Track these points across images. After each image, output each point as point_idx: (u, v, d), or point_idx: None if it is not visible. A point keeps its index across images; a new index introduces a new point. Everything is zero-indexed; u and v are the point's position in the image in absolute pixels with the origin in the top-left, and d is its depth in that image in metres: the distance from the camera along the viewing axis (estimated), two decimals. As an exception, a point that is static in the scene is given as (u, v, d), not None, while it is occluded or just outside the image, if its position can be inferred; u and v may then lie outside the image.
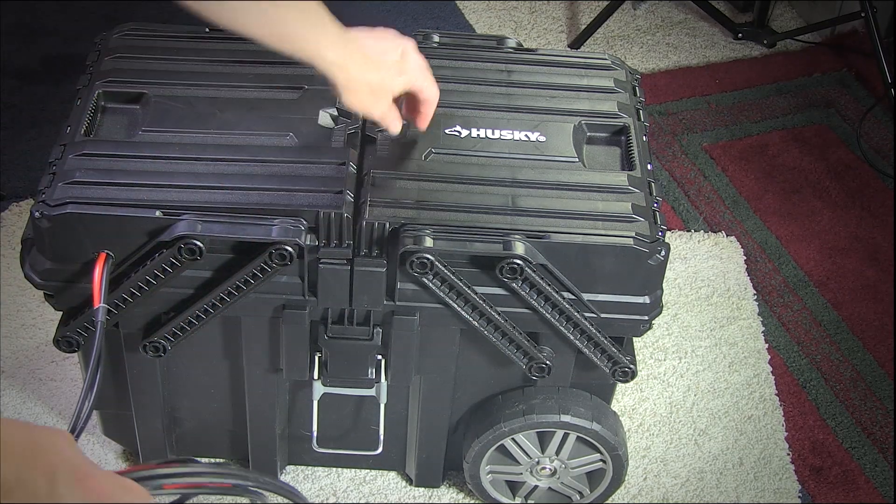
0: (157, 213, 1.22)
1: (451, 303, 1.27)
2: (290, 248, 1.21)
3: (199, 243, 1.21)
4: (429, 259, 1.23)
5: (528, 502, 1.54)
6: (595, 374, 1.39)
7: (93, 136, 1.32)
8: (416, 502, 1.58)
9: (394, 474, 1.61)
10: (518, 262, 1.23)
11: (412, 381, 1.41)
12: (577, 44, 2.39)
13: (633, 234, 1.26)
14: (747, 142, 2.23)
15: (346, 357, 1.35)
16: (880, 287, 1.95)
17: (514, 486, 1.54)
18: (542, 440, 1.45)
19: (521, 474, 1.50)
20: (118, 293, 1.26)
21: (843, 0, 2.40)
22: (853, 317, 1.89)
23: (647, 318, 1.32)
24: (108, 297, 1.23)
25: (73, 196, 1.22)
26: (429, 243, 1.23)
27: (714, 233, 2.03)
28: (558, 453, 1.46)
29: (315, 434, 1.46)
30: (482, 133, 1.37)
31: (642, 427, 1.70)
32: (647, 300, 1.31)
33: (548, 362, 1.35)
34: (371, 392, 1.40)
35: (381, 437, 1.48)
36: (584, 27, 2.40)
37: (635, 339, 1.41)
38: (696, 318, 1.87)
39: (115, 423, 1.51)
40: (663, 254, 1.28)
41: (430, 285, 1.26)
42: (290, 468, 1.59)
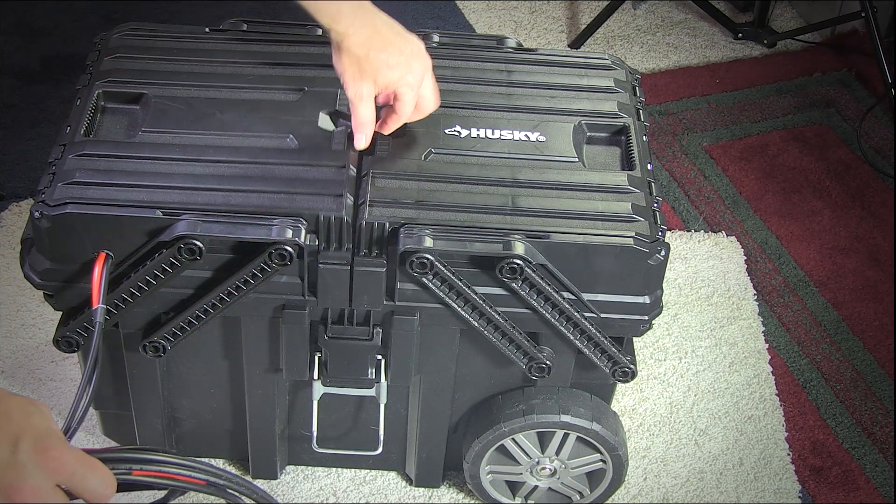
0: (157, 213, 1.22)
1: (451, 303, 1.27)
2: (289, 248, 1.21)
3: (198, 243, 1.21)
4: (429, 259, 1.23)
5: (529, 502, 1.54)
6: (595, 375, 1.39)
7: (93, 137, 1.32)
8: (416, 502, 1.58)
9: (394, 474, 1.61)
10: (518, 262, 1.23)
11: (412, 381, 1.41)
12: (577, 44, 2.39)
13: (633, 234, 1.26)
14: (747, 142, 2.23)
15: (346, 357, 1.35)
16: (881, 287, 1.94)
17: (514, 487, 1.54)
18: (542, 440, 1.45)
19: (521, 474, 1.50)
20: (118, 293, 1.26)
21: (844, 0, 2.40)
22: (853, 317, 1.89)
23: (647, 318, 1.32)
24: (107, 297, 1.23)
25: (73, 196, 1.22)
26: (429, 243, 1.23)
27: (714, 233, 2.02)
28: (558, 453, 1.46)
29: (315, 434, 1.46)
30: (482, 133, 1.37)
31: (642, 427, 1.70)
32: (647, 300, 1.31)
33: (548, 362, 1.35)
34: (371, 392, 1.40)
35: (381, 438, 1.48)
36: (584, 27, 2.40)
37: (635, 339, 1.41)
38: (697, 318, 1.87)
39: (115, 423, 1.51)
40: (663, 254, 1.28)
41: (430, 285, 1.26)
42: (289, 468, 1.59)
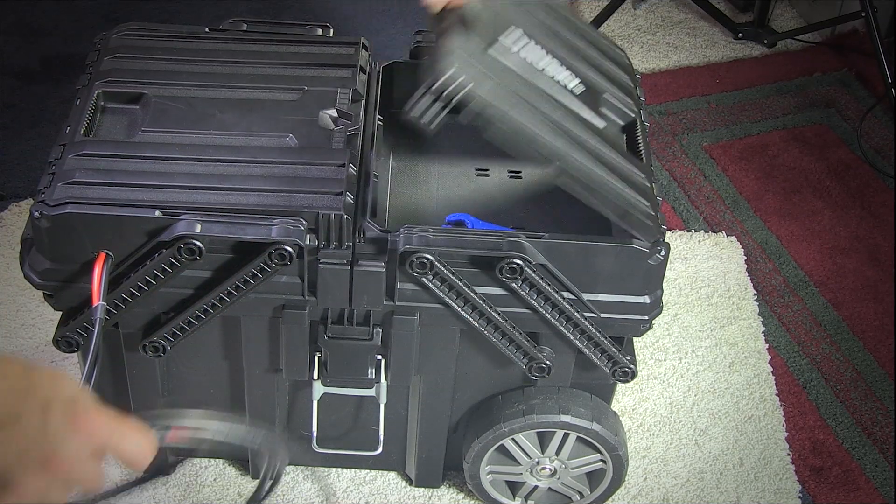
0: (157, 213, 1.21)
1: (450, 303, 1.27)
2: (289, 248, 1.21)
3: (198, 243, 1.21)
4: (429, 259, 1.23)
5: (529, 502, 1.54)
6: (595, 375, 1.39)
7: (92, 136, 1.32)
8: (416, 502, 1.58)
9: (394, 474, 1.61)
10: (518, 261, 1.23)
11: (412, 381, 1.40)
12: (577, 44, 2.39)
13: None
14: (747, 142, 2.23)
15: (346, 357, 1.35)
16: (881, 287, 1.94)
17: (514, 487, 1.54)
18: (542, 440, 1.45)
19: (521, 474, 1.50)
20: (118, 293, 1.26)
21: (844, 0, 2.40)
22: (853, 317, 1.89)
23: (647, 318, 1.31)
24: (107, 296, 1.23)
25: (73, 196, 1.22)
26: (429, 243, 1.23)
27: (714, 233, 2.02)
28: (558, 453, 1.46)
29: (315, 434, 1.46)
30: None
31: (642, 427, 1.70)
32: (647, 300, 1.31)
33: (548, 362, 1.35)
34: (371, 392, 1.40)
35: (381, 438, 1.48)
36: (584, 27, 2.40)
37: (635, 339, 1.41)
38: (697, 318, 1.87)
39: (115, 424, 1.51)
40: (663, 254, 1.28)
41: (430, 285, 1.26)
42: (290, 468, 1.59)
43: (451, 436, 1.50)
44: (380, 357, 1.37)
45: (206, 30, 1.46)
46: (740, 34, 2.46)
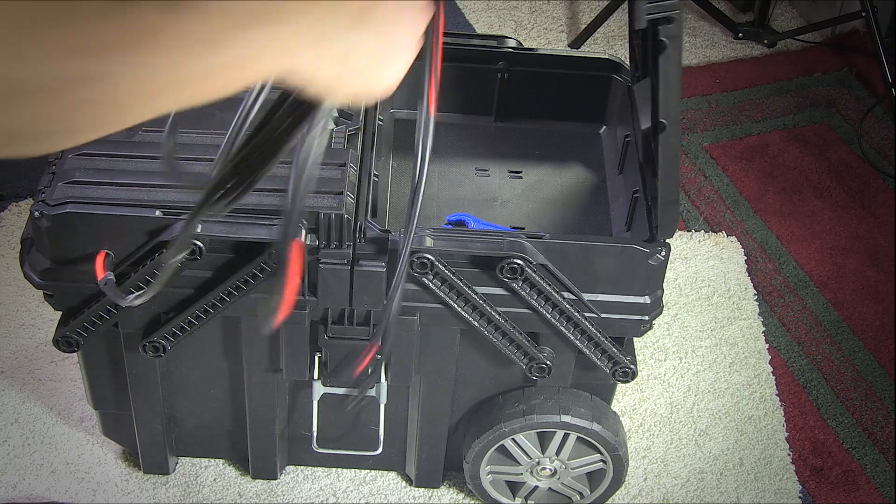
0: (157, 213, 1.21)
1: (451, 303, 1.27)
2: (290, 248, 1.21)
3: (198, 243, 1.21)
4: (429, 259, 1.22)
5: (529, 503, 1.54)
6: (595, 375, 1.38)
7: (92, 136, 1.32)
8: (415, 502, 1.58)
9: (394, 475, 1.60)
10: (518, 262, 1.23)
11: (412, 381, 1.40)
12: (577, 43, 2.39)
13: (634, 234, 1.26)
14: (748, 141, 2.22)
15: (347, 357, 1.35)
16: (881, 287, 1.94)
17: (514, 487, 1.54)
18: (543, 440, 1.45)
19: (522, 475, 1.50)
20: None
21: (844, 0, 2.40)
22: (854, 317, 1.89)
23: (647, 318, 1.31)
24: (107, 297, 1.23)
25: (73, 196, 1.22)
26: (429, 243, 1.23)
27: (714, 233, 2.02)
28: (558, 454, 1.46)
29: (315, 434, 1.46)
30: None
31: (643, 427, 1.70)
32: (647, 300, 1.31)
33: (548, 362, 1.35)
34: (371, 392, 1.40)
35: (381, 438, 1.47)
36: (584, 27, 2.40)
37: (636, 339, 1.40)
38: (697, 318, 1.87)
39: (115, 423, 1.51)
40: (664, 254, 1.28)
41: (431, 285, 1.26)
42: (289, 468, 1.59)
43: (452, 436, 1.50)
44: (380, 357, 1.36)
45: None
46: (740, 34, 2.46)
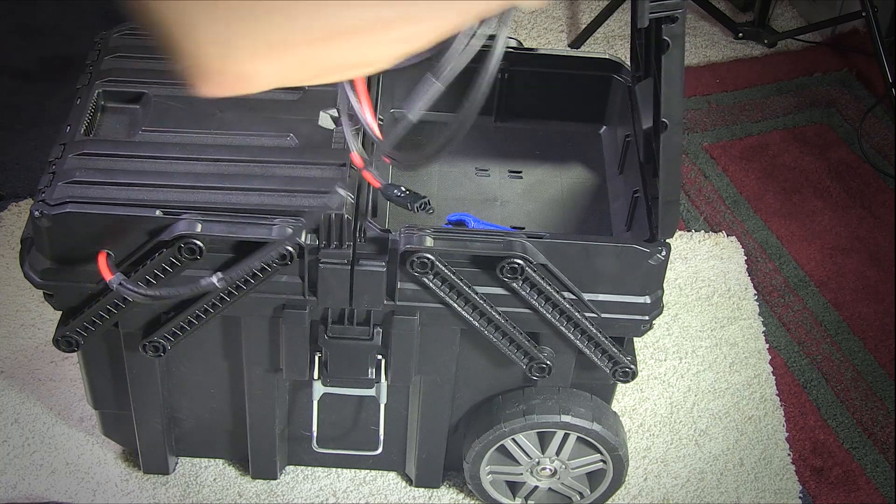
0: (158, 213, 1.21)
1: (451, 303, 1.27)
2: (290, 248, 1.21)
3: (199, 243, 1.21)
4: (429, 259, 1.22)
5: (529, 503, 1.54)
6: (595, 375, 1.38)
7: (93, 136, 1.32)
8: (415, 503, 1.58)
9: (394, 475, 1.60)
10: (518, 261, 1.23)
11: (412, 381, 1.40)
12: (577, 43, 2.39)
13: (634, 234, 1.26)
14: (748, 141, 2.22)
15: (346, 357, 1.35)
16: (881, 287, 1.94)
17: (514, 487, 1.54)
18: (543, 440, 1.45)
19: (522, 475, 1.50)
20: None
21: (844, 0, 2.40)
22: (854, 317, 1.89)
23: (647, 318, 1.31)
24: (107, 297, 1.23)
25: (73, 195, 1.22)
26: (429, 243, 1.23)
27: (715, 233, 2.02)
28: (559, 454, 1.46)
29: (315, 434, 1.46)
30: None
31: (643, 427, 1.70)
32: (647, 300, 1.31)
33: (548, 362, 1.35)
34: (371, 392, 1.40)
35: (381, 438, 1.47)
36: (584, 27, 2.40)
37: (636, 339, 1.40)
38: (697, 318, 1.87)
39: (115, 423, 1.51)
40: (664, 254, 1.28)
41: (431, 285, 1.26)
42: (289, 468, 1.59)
43: (452, 436, 1.50)
44: (380, 357, 1.36)
45: (207, 29, 1.45)
46: (740, 34, 2.46)
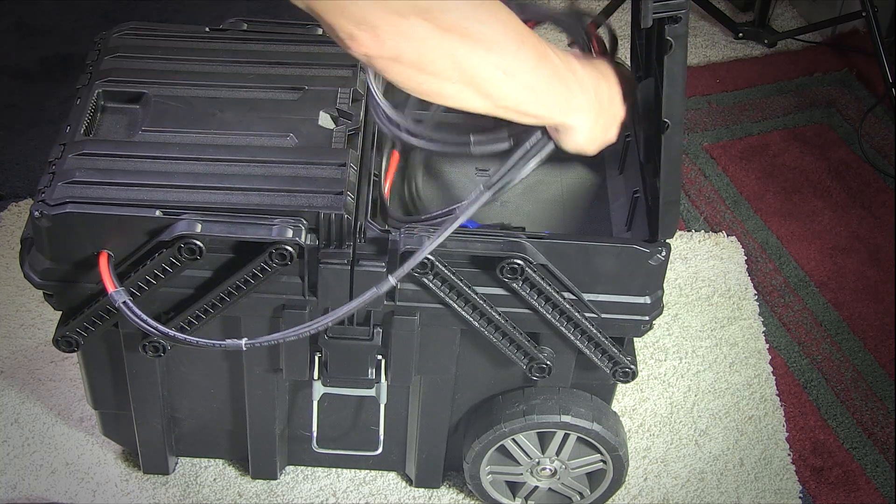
0: (158, 213, 1.21)
1: (451, 303, 1.27)
2: (290, 248, 1.21)
3: (199, 243, 1.21)
4: (429, 259, 1.22)
5: (529, 503, 1.54)
6: (595, 375, 1.38)
7: (93, 136, 1.32)
8: (416, 503, 1.58)
9: (394, 475, 1.60)
10: (518, 262, 1.23)
11: (412, 381, 1.40)
12: (577, 43, 2.39)
13: (634, 235, 1.26)
14: (748, 141, 2.22)
15: (347, 357, 1.35)
16: (881, 287, 1.94)
17: (514, 487, 1.54)
18: (543, 441, 1.45)
19: (522, 475, 1.50)
20: (118, 293, 1.25)
21: (844, 0, 2.40)
22: (854, 317, 1.89)
23: (647, 318, 1.31)
24: (106, 297, 1.23)
25: (73, 196, 1.22)
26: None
27: (715, 233, 2.02)
28: (559, 454, 1.46)
29: (315, 434, 1.46)
30: None
31: (643, 427, 1.70)
32: (647, 300, 1.31)
33: (548, 363, 1.35)
34: (371, 392, 1.40)
35: (381, 438, 1.47)
36: (584, 27, 2.40)
37: (636, 339, 1.40)
38: (697, 318, 1.87)
39: (115, 423, 1.51)
40: (664, 254, 1.28)
41: (431, 285, 1.25)
42: (289, 468, 1.59)
43: (452, 436, 1.50)
44: (380, 357, 1.36)
45: (207, 29, 1.45)
46: (741, 34, 2.46)
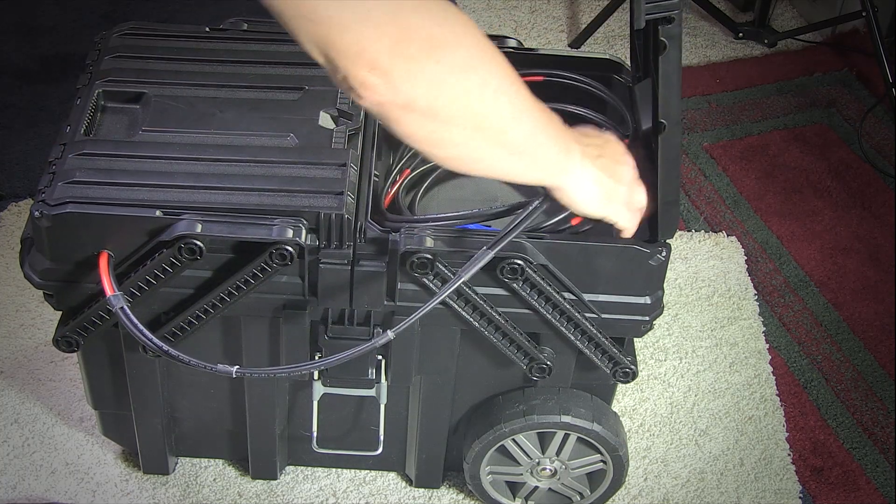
0: (158, 213, 1.21)
1: (451, 303, 1.27)
2: (290, 248, 1.21)
3: (199, 243, 1.21)
4: (429, 259, 1.22)
5: (529, 503, 1.54)
6: (596, 375, 1.38)
7: (93, 136, 1.32)
8: (415, 503, 1.58)
9: (394, 475, 1.60)
10: (519, 262, 1.23)
11: (412, 381, 1.40)
12: (577, 43, 2.39)
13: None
14: (748, 141, 2.22)
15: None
16: (881, 287, 1.94)
17: (514, 487, 1.54)
18: (543, 441, 1.45)
19: (522, 475, 1.50)
20: (118, 293, 1.25)
21: (844, 0, 2.40)
22: (854, 317, 1.89)
23: (647, 318, 1.31)
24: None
25: (73, 195, 1.22)
26: (429, 244, 1.23)
27: (715, 233, 2.02)
28: (559, 454, 1.46)
29: (315, 434, 1.46)
30: None
31: (643, 427, 1.70)
32: (648, 300, 1.31)
33: (548, 363, 1.35)
34: (371, 392, 1.40)
35: (381, 438, 1.47)
36: (584, 27, 2.40)
37: (636, 339, 1.40)
38: (697, 318, 1.87)
39: (115, 423, 1.51)
40: (664, 254, 1.28)
41: (431, 285, 1.25)
42: (289, 468, 1.59)
43: (452, 436, 1.50)
44: (380, 357, 1.36)
45: (207, 29, 1.45)
46: (741, 34, 2.46)
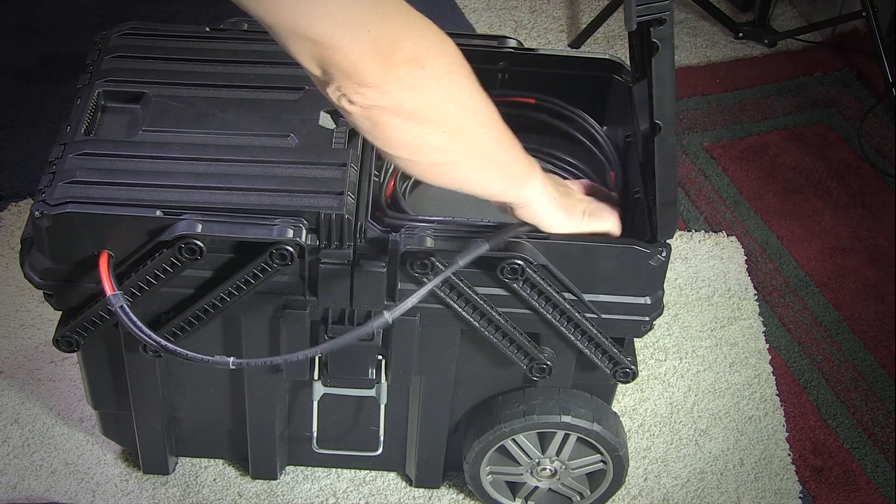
0: (158, 213, 1.21)
1: (451, 303, 1.27)
2: (290, 248, 1.21)
3: (199, 243, 1.21)
4: (429, 259, 1.22)
5: (529, 503, 1.54)
6: (596, 375, 1.38)
7: (93, 136, 1.32)
8: (415, 503, 1.58)
9: (394, 475, 1.60)
10: (519, 262, 1.23)
11: (412, 381, 1.40)
12: (577, 43, 2.39)
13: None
14: (748, 141, 2.22)
15: (347, 357, 1.35)
16: (881, 287, 1.94)
17: (514, 487, 1.54)
18: (543, 441, 1.45)
19: (522, 475, 1.50)
20: (118, 293, 1.25)
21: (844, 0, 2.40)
22: (854, 317, 1.89)
23: (648, 318, 1.31)
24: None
25: (73, 195, 1.22)
26: (429, 244, 1.23)
27: (715, 233, 2.02)
28: (559, 454, 1.46)
29: (315, 435, 1.46)
30: None
31: (643, 428, 1.70)
32: (648, 301, 1.31)
33: (548, 363, 1.35)
34: (371, 393, 1.40)
35: (381, 438, 1.48)
36: (584, 27, 2.40)
37: (636, 339, 1.40)
38: (697, 318, 1.87)
39: (114, 423, 1.51)
40: (664, 254, 1.28)
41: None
42: (289, 468, 1.59)
43: (452, 436, 1.50)
44: (380, 357, 1.36)
45: (207, 29, 1.45)
46: (741, 34, 2.46)
